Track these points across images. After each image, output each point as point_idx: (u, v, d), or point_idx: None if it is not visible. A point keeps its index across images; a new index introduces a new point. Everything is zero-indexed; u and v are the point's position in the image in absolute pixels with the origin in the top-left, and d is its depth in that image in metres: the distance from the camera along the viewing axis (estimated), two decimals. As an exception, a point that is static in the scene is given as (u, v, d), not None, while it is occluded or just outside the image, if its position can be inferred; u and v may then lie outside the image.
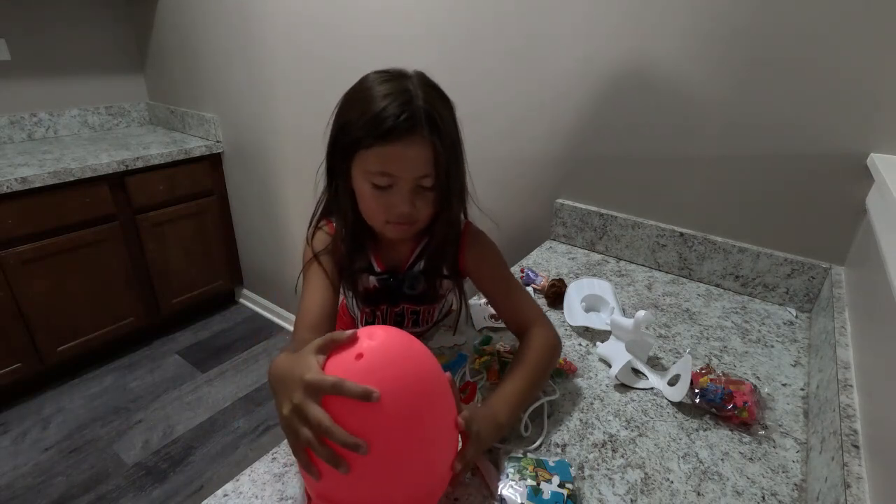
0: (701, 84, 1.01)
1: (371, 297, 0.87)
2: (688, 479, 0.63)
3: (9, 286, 1.77)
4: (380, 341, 0.50)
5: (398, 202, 0.68)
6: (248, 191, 2.30)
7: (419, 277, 0.83)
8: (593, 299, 1.01)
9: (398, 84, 0.66)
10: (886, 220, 0.74)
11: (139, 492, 1.61)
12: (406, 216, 0.70)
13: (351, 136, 0.67)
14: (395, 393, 0.47)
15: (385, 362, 0.49)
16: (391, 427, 0.47)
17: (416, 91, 0.65)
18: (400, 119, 0.63)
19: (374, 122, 0.63)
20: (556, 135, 1.25)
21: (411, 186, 0.68)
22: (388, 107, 0.63)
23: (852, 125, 0.89)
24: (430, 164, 0.66)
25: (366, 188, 0.69)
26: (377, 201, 0.69)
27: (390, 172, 0.66)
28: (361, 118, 0.65)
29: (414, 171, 0.66)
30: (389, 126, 0.63)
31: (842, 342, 0.75)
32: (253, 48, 1.89)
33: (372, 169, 0.67)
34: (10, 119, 2.13)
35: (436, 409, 0.52)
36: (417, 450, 0.50)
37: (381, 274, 0.83)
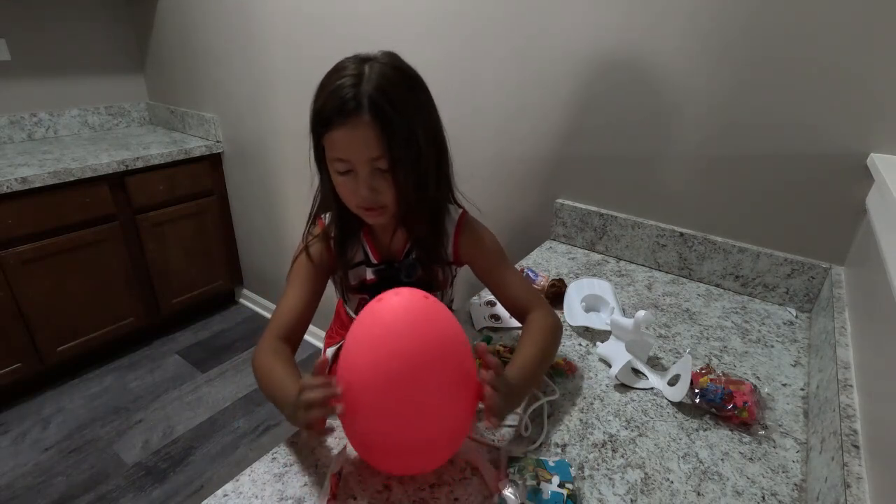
0: (701, 84, 1.02)
1: (369, 290, 0.87)
2: (688, 479, 0.63)
3: (9, 286, 1.77)
4: (404, 296, 0.57)
5: (355, 186, 0.70)
6: (248, 191, 2.30)
7: (415, 265, 0.84)
8: (593, 299, 1.01)
9: (355, 68, 0.67)
10: (886, 220, 0.74)
11: (139, 492, 1.61)
12: (368, 200, 0.71)
13: (315, 122, 0.70)
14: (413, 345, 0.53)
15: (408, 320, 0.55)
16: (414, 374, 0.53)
17: (370, 75, 0.66)
18: (343, 102, 0.64)
19: (326, 106, 0.66)
20: (557, 135, 1.25)
21: (367, 170, 0.68)
22: (337, 89, 0.65)
23: (852, 125, 0.89)
24: (378, 146, 0.66)
25: (335, 176, 0.72)
26: (343, 187, 0.72)
27: (342, 157, 0.68)
28: (320, 104, 0.68)
29: (361, 153, 0.67)
30: (336, 108, 0.65)
31: (842, 342, 0.75)
32: (253, 48, 1.89)
33: (331, 155, 0.70)
34: (10, 119, 2.13)
35: (449, 362, 0.56)
36: (435, 397, 0.55)
37: (378, 265, 0.84)
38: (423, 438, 0.56)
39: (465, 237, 0.84)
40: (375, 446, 0.57)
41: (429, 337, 0.55)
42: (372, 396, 0.54)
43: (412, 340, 0.54)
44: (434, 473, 0.62)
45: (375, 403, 0.54)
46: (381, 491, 0.60)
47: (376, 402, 0.54)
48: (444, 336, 0.56)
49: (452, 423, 0.57)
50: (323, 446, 0.67)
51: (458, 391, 0.56)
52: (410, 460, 0.58)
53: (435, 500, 0.59)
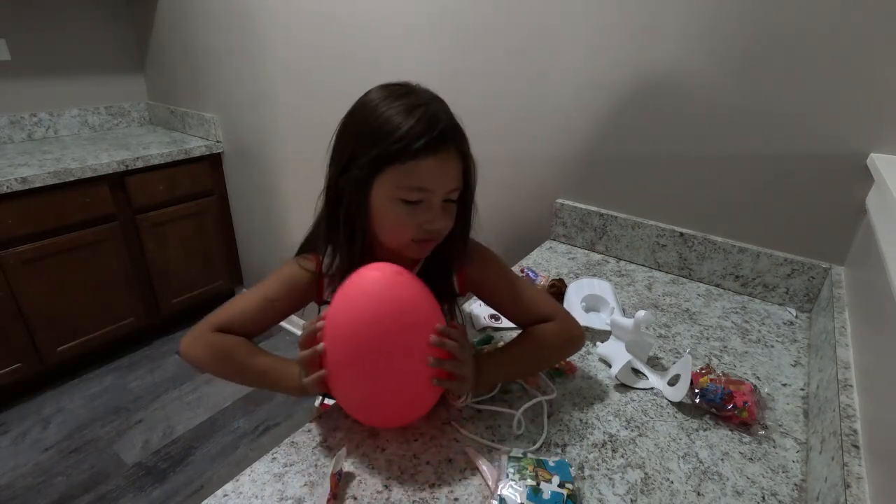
0: (701, 84, 1.02)
1: None
2: (688, 479, 0.63)
3: (9, 286, 1.77)
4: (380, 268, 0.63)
5: (431, 217, 0.66)
6: (248, 191, 2.30)
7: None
8: (593, 299, 1.01)
9: (414, 98, 0.65)
10: (886, 220, 0.74)
11: (139, 492, 1.61)
12: (437, 232, 0.68)
13: (375, 153, 0.63)
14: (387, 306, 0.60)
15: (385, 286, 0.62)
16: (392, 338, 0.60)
17: (434, 105, 0.65)
18: (433, 134, 0.62)
19: (409, 136, 0.62)
20: (557, 135, 1.25)
21: (441, 201, 0.67)
22: (417, 122, 0.62)
23: (852, 125, 0.89)
24: (460, 177, 0.67)
25: (392, 206, 0.66)
26: (406, 218, 0.66)
27: (426, 187, 0.64)
28: (389, 132, 0.62)
29: (448, 184, 0.66)
30: (426, 140, 0.62)
31: (842, 342, 0.75)
32: (253, 48, 1.89)
33: (404, 184, 0.64)
34: (10, 119, 2.13)
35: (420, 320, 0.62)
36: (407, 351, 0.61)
37: None
38: (398, 391, 0.63)
39: (473, 265, 0.78)
40: (359, 400, 0.64)
41: (402, 300, 0.61)
42: (352, 352, 0.60)
43: (386, 302, 0.60)
44: (434, 473, 0.62)
45: (356, 358, 0.60)
46: (380, 491, 0.60)
47: (356, 357, 0.60)
48: (416, 299, 0.62)
49: (425, 377, 0.62)
50: (323, 446, 0.67)
51: (428, 347, 0.61)
52: (389, 412, 0.65)
53: (435, 500, 0.59)
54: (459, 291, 0.81)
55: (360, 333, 0.60)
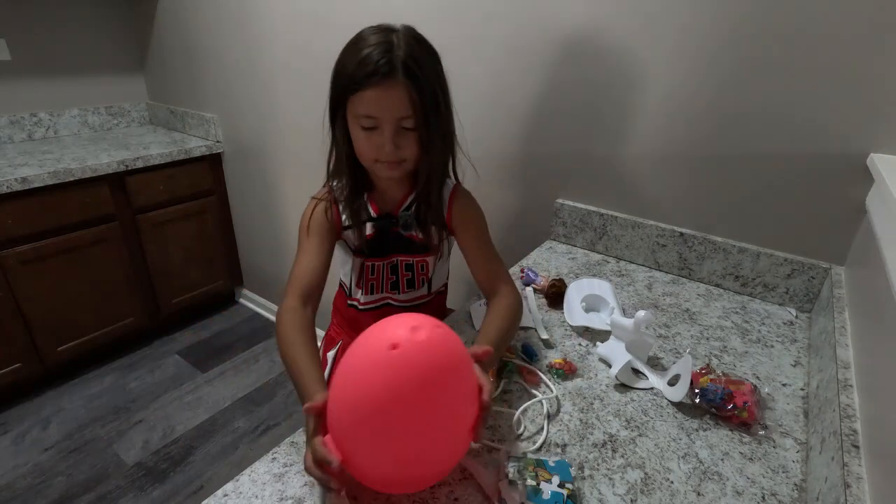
0: (701, 84, 1.01)
1: (367, 247, 0.92)
2: (688, 479, 0.63)
3: (9, 286, 1.77)
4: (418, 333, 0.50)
5: (383, 142, 0.75)
6: (248, 191, 2.30)
7: (411, 217, 0.89)
8: (593, 299, 1.01)
9: (383, 35, 0.73)
10: (886, 220, 0.74)
11: (139, 492, 1.61)
12: (391, 154, 0.77)
13: (341, 83, 0.75)
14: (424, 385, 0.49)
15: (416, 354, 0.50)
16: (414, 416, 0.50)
17: (399, 42, 0.73)
18: (379, 64, 0.70)
19: (358, 69, 0.72)
20: (556, 135, 1.25)
21: (394, 128, 0.75)
22: (370, 54, 0.71)
23: (852, 125, 0.89)
24: (408, 106, 0.73)
25: (355, 132, 0.78)
26: (366, 142, 0.77)
27: (372, 114, 0.74)
28: (349, 66, 0.73)
29: (393, 112, 0.73)
30: (370, 71, 0.71)
31: (842, 342, 0.75)
32: (253, 48, 1.89)
33: (358, 112, 0.75)
34: (10, 119, 2.13)
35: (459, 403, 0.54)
36: (436, 437, 0.52)
37: (377, 218, 0.90)
38: (435, 464, 0.54)
39: (459, 205, 0.91)
40: (386, 481, 0.54)
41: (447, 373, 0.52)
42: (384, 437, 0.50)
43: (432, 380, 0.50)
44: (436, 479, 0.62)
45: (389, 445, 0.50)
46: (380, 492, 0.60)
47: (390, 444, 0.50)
48: (458, 366, 0.54)
49: (458, 444, 0.56)
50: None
51: (466, 412, 0.55)
52: (414, 484, 0.57)
53: (435, 500, 0.59)
54: (447, 225, 0.92)
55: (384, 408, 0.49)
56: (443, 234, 0.92)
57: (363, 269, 0.96)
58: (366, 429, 0.50)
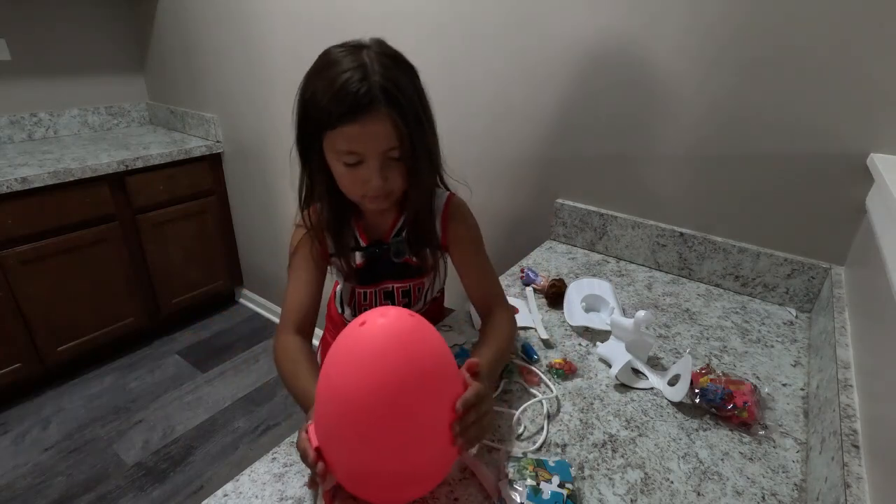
0: (701, 84, 1.01)
1: (358, 277, 0.88)
2: (688, 479, 0.63)
3: (9, 286, 1.77)
4: (390, 319, 0.51)
5: (369, 177, 0.70)
6: (248, 191, 2.30)
7: (402, 243, 0.84)
8: (593, 299, 1.01)
9: (354, 58, 0.65)
10: (886, 220, 0.74)
11: (139, 492, 1.61)
12: (379, 189, 0.71)
13: (316, 117, 0.68)
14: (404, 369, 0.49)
15: (385, 330, 0.50)
16: (388, 393, 0.49)
17: (373, 66, 0.65)
18: (358, 95, 0.63)
19: (334, 103, 0.64)
20: (556, 135, 1.25)
21: (380, 161, 0.69)
22: (345, 84, 0.64)
23: (852, 125, 0.89)
24: (393, 137, 0.67)
25: (338, 168, 0.71)
26: (351, 178, 0.71)
27: (356, 151, 0.68)
28: (322, 98, 0.66)
29: (378, 146, 0.68)
30: (349, 104, 0.64)
31: (842, 342, 0.75)
32: (253, 48, 1.89)
33: (340, 149, 0.68)
34: (10, 119, 2.13)
35: (438, 387, 0.53)
36: (414, 419, 0.51)
37: (366, 247, 0.85)
38: (413, 466, 0.53)
39: (453, 220, 0.85)
40: (363, 478, 0.53)
41: (418, 359, 0.51)
42: (358, 426, 0.49)
43: (401, 364, 0.49)
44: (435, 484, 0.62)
45: (362, 433, 0.49)
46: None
47: (363, 432, 0.49)
48: (434, 356, 0.53)
49: (443, 448, 0.54)
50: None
51: (448, 414, 0.53)
52: (401, 490, 0.55)
53: (435, 500, 0.59)
54: (441, 243, 0.86)
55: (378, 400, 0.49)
56: (437, 254, 0.88)
57: (354, 294, 0.92)
58: (332, 409, 0.51)
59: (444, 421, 0.53)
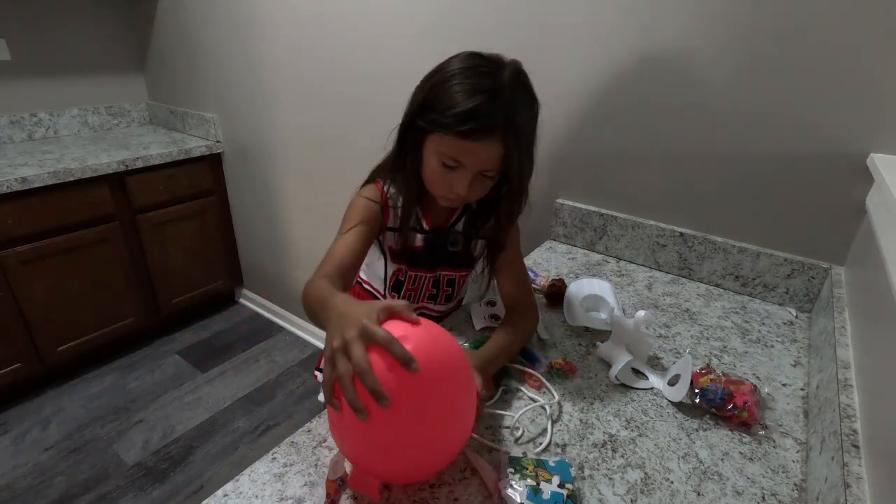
0: (701, 84, 1.02)
1: (414, 259, 0.91)
2: (688, 479, 0.63)
3: (9, 286, 1.77)
4: (424, 324, 0.54)
5: (458, 185, 0.74)
6: (248, 191, 2.30)
7: (459, 235, 0.90)
8: (593, 299, 1.01)
9: (489, 81, 0.68)
10: (886, 220, 0.74)
11: (139, 492, 1.61)
12: (461, 198, 0.76)
13: (432, 116, 0.70)
14: (432, 369, 0.51)
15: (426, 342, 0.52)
16: (424, 398, 0.51)
17: (507, 93, 0.68)
18: (483, 120, 0.67)
19: (458, 116, 0.67)
20: (556, 134, 1.25)
21: (474, 174, 0.73)
22: (474, 107, 0.66)
23: (852, 125, 0.89)
24: (496, 162, 0.72)
25: (433, 162, 0.74)
26: (441, 177, 0.75)
27: (460, 160, 0.72)
28: (447, 106, 0.68)
29: (480, 165, 0.72)
30: (472, 124, 0.67)
31: (842, 342, 0.75)
32: (253, 48, 1.89)
33: (444, 151, 0.72)
34: (10, 119, 2.13)
35: (462, 389, 0.56)
36: (444, 422, 0.54)
37: (429, 231, 0.89)
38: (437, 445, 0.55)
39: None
40: (382, 454, 0.53)
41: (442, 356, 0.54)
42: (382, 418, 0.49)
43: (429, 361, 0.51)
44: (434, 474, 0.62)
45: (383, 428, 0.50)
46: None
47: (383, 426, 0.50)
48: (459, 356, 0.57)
49: (463, 431, 0.57)
50: (323, 446, 0.67)
51: (467, 402, 0.57)
52: (416, 468, 0.56)
53: (435, 500, 0.59)
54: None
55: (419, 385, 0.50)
56: (483, 248, 0.92)
57: (405, 276, 0.94)
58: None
59: (466, 407, 0.57)
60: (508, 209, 0.83)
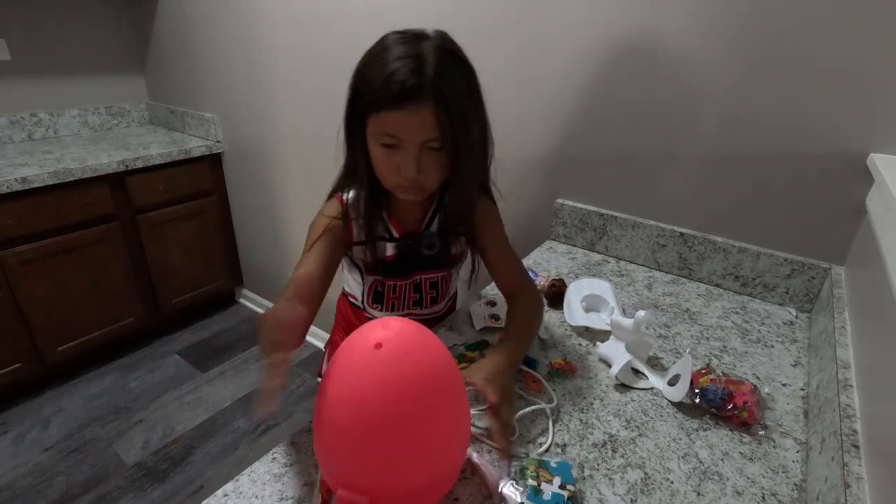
0: (700, 84, 1.01)
1: (388, 269, 0.87)
2: (688, 479, 0.63)
3: (9, 286, 1.76)
4: (395, 331, 0.50)
5: (405, 165, 0.70)
6: (248, 191, 2.30)
7: (434, 237, 0.85)
8: (593, 299, 1.01)
9: (411, 48, 0.66)
10: (886, 220, 0.74)
11: (139, 492, 1.61)
12: (412, 179, 0.71)
13: (363, 99, 0.69)
14: (412, 381, 0.49)
15: (402, 352, 0.50)
16: (410, 413, 0.49)
17: (429, 56, 0.66)
18: (406, 86, 0.64)
19: (383, 88, 0.65)
20: (556, 135, 1.25)
21: (417, 149, 0.69)
22: (396, 72, 0.64)
23: (852, 125, 0.89)
24: (433, 129, 0.67)
25: (377, 150, 0.72)
26: (386, 162, 0.72)
27: (395, 134, 0.68)
28: (373, 82, 0.67)
29: (417, 135, 0.68)
30: (395, 92, 0.64)
31: (842, 342, 0.75)
32: (253, 48, 1.89)
33: (380, 130, 0.69)
34: (10, 119, 2.13)
35: (450, 398, 0.53)
36: (434, 436, 0.51)
37: (399, 239, 0.85)
38: (436, 473, 0.52)
39: (479, 210, 0.86)
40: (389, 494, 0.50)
41: (424, 371, 0.50)
42: (363, 437, 0.48)
43: (409, 376, 0.49)
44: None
45: (365, 447, 0.48)
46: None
47: (366, 446, 0.48)
48: (440, 369, 0.52)
49: (450, 461, 0.54)
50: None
51: (453, 426, 0.53)
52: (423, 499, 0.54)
53: (435, 500, 0.59)
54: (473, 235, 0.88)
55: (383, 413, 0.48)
56: (464, 245, 0.89)
57: (382, 287, 0.91)
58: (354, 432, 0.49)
59: (459, 425, 0.54)
60: (460, 180, 0.76)
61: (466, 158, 0.73)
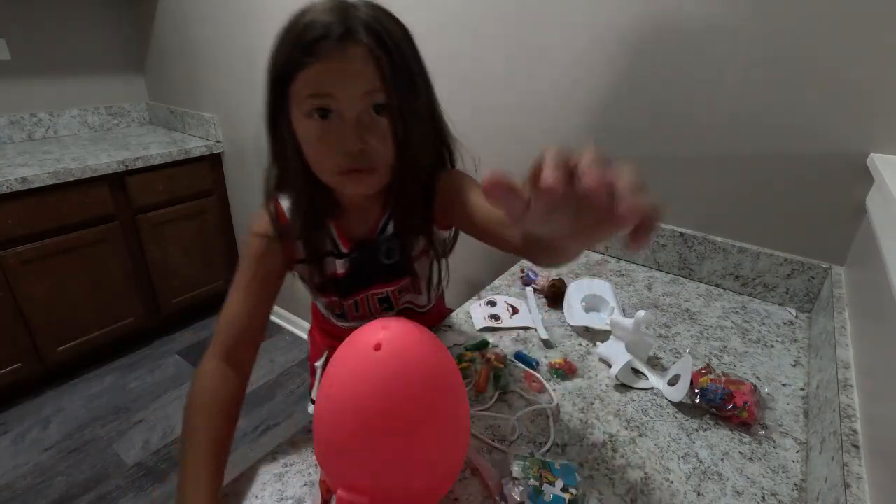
0: (700, 84, 1.01)
1: (341, 286, 0.74)
2: (688, 479, 0.63)
3: (9, 286, 1.77)
4: (395, 331, 0.50)
5: (345, 137, 0.56)
6: (248, 191, 2.30)
7: (393, 241, 0.71)
8: (593, 299, 1.01)
9: (331, 3, 0.56)
10: (886, 220, 0.74)
11: (139, 492, 1.61)
12: (357, 155, 0.57)
13: (279, 66, 0.56)
14: (412, 381, 0.49)
15: (401, 352, 0.49)
16: (410, 413, 0.48)
17: (354, 7, 0.56)
18: (331, 26, 0.53)
19: (301, 37, 0.54)
20: (556, 135, 1.25)
21: (356, 112, 0.56)
22: (316, 20, 0.54)
23: (852, 125, 0.89)
24: (374, 78, 0.54)
25: (304, 127, 0.57)
26: (320, 139, 0.57)
27: (327, 92, 0.54)
28: (286, 45, 0.56)
29: (355, 86, 0.54)
30: (318, 35, 0.53)
31: (842, 342, 0.75)
32: (253, 48, 1.89)
33: (308, 92, 0.55)
34: (10, 119, 2.13)
35: (450, 398, 0.53)
36: (434, 436, 0.51)
37: (349, 253, 0.72)
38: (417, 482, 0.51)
39: (442, 186, 0.69)
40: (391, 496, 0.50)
41: (424, 372, 0.50)
42: (363, 437, 0.48)
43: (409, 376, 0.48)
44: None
45: (365, 447, 0.48)
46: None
47: (366, 446, 0.48)
48: (440, 369, 0.52)
49: (450, 461, 0.54)
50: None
51: (454, 427, 0.53)
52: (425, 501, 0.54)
53: (435, 500, 0.59)
54: (438, 224, 0.73)
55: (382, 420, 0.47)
56: (433, 238, 0.74)
57: (341, 309, 0.80)
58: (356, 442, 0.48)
59: (459, 426, 0.53)
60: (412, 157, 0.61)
61: (417, 125, 0.60)
